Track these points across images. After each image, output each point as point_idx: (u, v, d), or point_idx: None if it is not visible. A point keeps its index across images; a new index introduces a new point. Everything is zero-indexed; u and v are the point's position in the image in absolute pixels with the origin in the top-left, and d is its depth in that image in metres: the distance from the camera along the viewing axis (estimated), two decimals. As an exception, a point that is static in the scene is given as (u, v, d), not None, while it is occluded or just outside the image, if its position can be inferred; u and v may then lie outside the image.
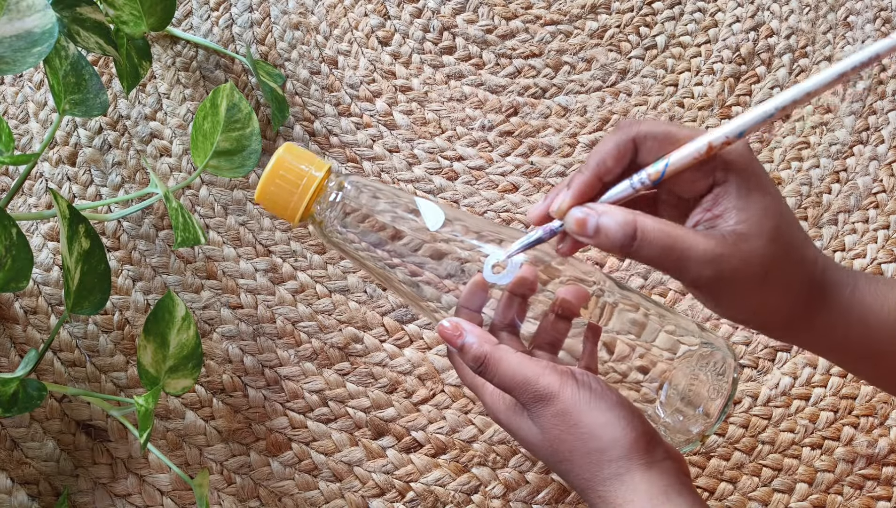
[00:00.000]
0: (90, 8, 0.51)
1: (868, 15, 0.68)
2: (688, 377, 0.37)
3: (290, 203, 0.37)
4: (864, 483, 0.52)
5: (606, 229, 0.32)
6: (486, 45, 0.66)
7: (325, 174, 0.37)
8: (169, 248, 0.57)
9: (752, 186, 0.32)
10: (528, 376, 0.35)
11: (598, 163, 0.33)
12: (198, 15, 0.65)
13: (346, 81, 0.64)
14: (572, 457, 0.34)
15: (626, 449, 0.33)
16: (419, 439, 0.53)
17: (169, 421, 0.52)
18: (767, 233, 0.32)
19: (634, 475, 0.33)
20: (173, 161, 0.60)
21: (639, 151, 0.33)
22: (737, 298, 0.33)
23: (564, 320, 0.38)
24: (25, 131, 0.61)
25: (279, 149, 0.37)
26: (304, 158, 0.38)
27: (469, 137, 0.62)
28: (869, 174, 0.62)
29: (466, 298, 0.38)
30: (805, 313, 0.33)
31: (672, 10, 0.68)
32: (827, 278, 0.34)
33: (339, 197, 0.38)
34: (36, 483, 0.50)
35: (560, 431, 0.34)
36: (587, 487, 0.34)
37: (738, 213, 0.32)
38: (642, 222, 0.31)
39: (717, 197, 0.32)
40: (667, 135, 0.33)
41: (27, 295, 0.55)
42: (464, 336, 0.36)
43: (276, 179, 0.37)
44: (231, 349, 0.54)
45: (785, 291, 0.33)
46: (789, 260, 0.32)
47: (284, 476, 0.51)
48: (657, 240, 0.31)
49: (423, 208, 0.38)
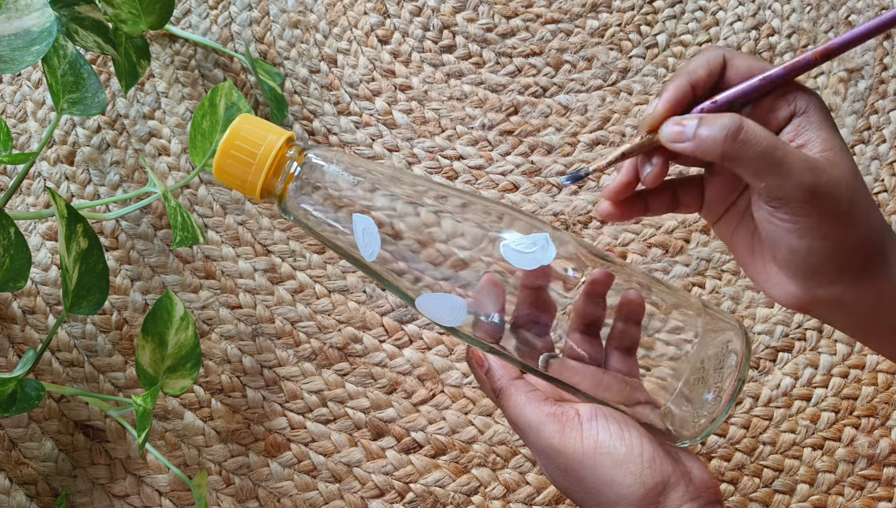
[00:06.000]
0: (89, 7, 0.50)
1: (869, 14, 0.68)
2: (694, 364, 0.35)
3: (247, 176, 0.34)
4: (865, 484, 0.52)
5: (709, 130, 0.31)
6: (487, 44, 0.66)
7: (283, 144, 0.34)
8: (167, 247, 0.57)
9: (831, 121, 0.32)
10: (530, 422, 0.34)
11: (689, 73, 0.33)
12: (196, 13, 0.65)
13: (345, 80, 0.64)
14: (584, 504, 0.34)
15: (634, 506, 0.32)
16: (419, 439, 0.52)
17: (167, 422, 0.52)
18: (850, 165, 0.31)
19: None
20: (172, 160, 0.60)
21: (727, 67, 0.33)
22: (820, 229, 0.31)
23: (596, 304, 0.36)
24: (24, 130, 0.60)
25: (235, 119, 0.34)
26: (262, 127, 0.34)
27: (469, 136, 0.62)
28: (870, 174, 0.62)
29: (481, 302, 0.34)
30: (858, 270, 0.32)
31: (673, 9, 0.68)
32: (886, 239, 0.33)
33: (299, 170, 0.34)
34: (34, 484, 0.50)
35: (567, 484, 0.34)
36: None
37: (824, 141, 0.31)
38: (747, 121, 0.31)
39: (800, 127, 0.32)
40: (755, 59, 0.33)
41: (25, 295, 0.55)
42: (486, 363, 0.36)
43: (231, 151, 0.34)
44: (230, 349, 0.54)
45: (864, 226, 0.32)
46: (866, 202, 0.32)
47: (283, 477, 0.51)
48: (761, 140, 0.30)
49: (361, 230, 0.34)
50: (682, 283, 0.57)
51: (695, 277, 0.58)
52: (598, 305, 0.35)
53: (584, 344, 0.35)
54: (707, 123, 0.31)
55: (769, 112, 0.32)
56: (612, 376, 0.35)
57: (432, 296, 0.34)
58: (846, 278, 0.33)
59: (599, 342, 0.35)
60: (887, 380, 0.55)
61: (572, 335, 0.35)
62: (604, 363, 0.36)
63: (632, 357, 0.35)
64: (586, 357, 0.35)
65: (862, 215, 0.32)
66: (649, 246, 0.59)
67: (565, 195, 0.60)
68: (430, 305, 0.34)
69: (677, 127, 0.32)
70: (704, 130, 0.31)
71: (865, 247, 0.32)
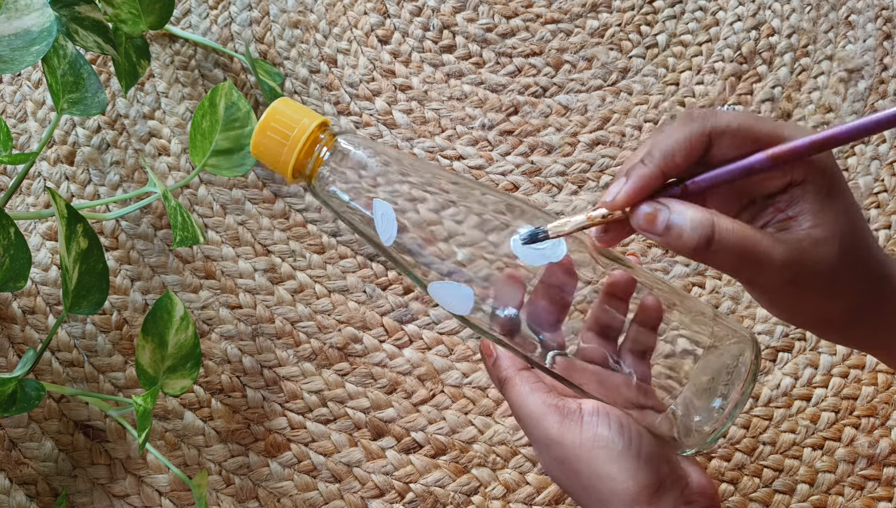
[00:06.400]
0: (89, 7, 0.50)
1: (870, 14, 0.68)
2: (703, 372, 0.35)
3: (280, 155, 0.36)
4: (865, 484, 0.52)
5: (680, 228, 0.29)
6: (487, 44, 0.66)
7: (316, 127, 0.36)
8: (167, 247, 0.57)
9: (830, 187, 0.30)
10: (531, 412, 0.34)
11: (664, 156, 0.30)
12: (196, 13, 0.65)
13: (345, 80, 0.64)
14: (579, 499, 0.34)
15: (626, 504, 0.32)
16: (419, 439, 0.52)
17: (167, 422, 0.52)
18: (840, 237, 0.30)
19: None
20: (172, 160, 0.60)
21: (712, 146, 0.30)
22: (803, 304, 0.31)
23: (617, 307, 0.35)
24: (24, 130, 0.60)
25: (274, 101, 0.36)
26: (298, 110, 0.36)
27: (469, 136, 0.62)
28: (870, 174, 0.62)
29: (492, 293, 0.35)
30: (866, 311, 0.32)
31: (673, 9, 0.68)
32: (889, 272, 0.32)
33: (328, 154, 0.36)
34: (34, 484, 0.50)
35: (562, 475, 0.34)
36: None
37: (814, 216, 0.30)
38: (720, 223, 0.29)
39: (793, 197, 0.30)
40: (746, 129, 0.30)
41: (25, 295, 0.55)
42: (494, 354, 0.37)
43: (267, 130, 0.35)
44: (230, 349, 0.54)
45: (850, 294, 0.31)
46: (858, 261, 0.31)
47: (283, 477, 0.51)
48: (735, 245, 0.29)
49: (380, 215, 0.35)
50: (682, 283, 0.57)
51: (695, 277, 0.58)
52: (617, 307, 0.35)
53: (596, 345, 0.35)
54: (677, 220, 0.29)
55: (766, 179, 0.31)
56: (620, 378, 0.35)
57: (443, 284, 0.35)
58: (856, 323, 0.32)
59: (612, 345, 0.35)
60: (887, 380, 0.55)
61: (585, 335, 0.35)
62: (616, 366, 0.35)
63: (645, 362, 0.35)
64: (597, 358, 0.35)
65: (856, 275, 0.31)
66: (649, 246, 0.59)
67: (565, 195, 0.60)
68: (441, 292, 0.35)
69: (648, 213, 0.30)
70: (675, 228, 0.29)
71: (864, 294, 0.32)
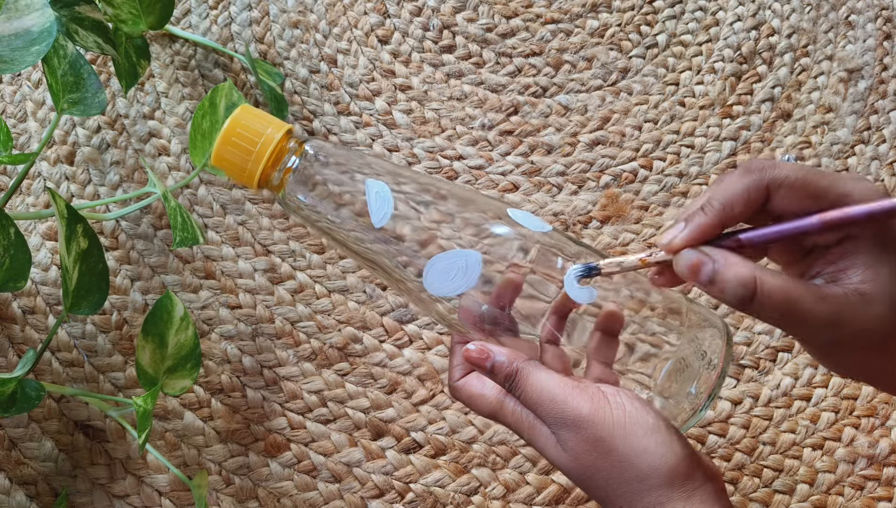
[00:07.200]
0: (89, 7, 0.50)
1: (870, 14, 0.68)
2: (677, 359, 0.35)
3: (246, 166, 0.34)
4: (865, 484, 0.52)
5: (724, 281, 0.29)
6: (487, 44, 0.66)
7: (283, 136, 0.35)
8: (167, 247, 0.57)
9: (886, 244, 0.30)
10: (555, 395, 0.33)
11: (724, 206, 0.30)
12: (196, 13, 0.65)
13: (345, 80, 0.64)
14: (608, 486, 0.32)
15: (665, 478, 0.31)
16: (419, 439, 0.52)
17: (167, 422, 0.52)
18: (893, 296, 0.29)
19: (676, 504, 0.31)
20: (172, 160, 0.60)
21: (771, 198, 0.30)
22: (853, 362, 0.31)
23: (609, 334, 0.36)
24: (24, 130, 0.60)
25: (236, 109, 0.35)
26: (262, 119, 0.35)
27: (469, 136, 0.62)
28: (871, 174, 0.62)
29: (497, 298, 0.35)
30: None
31: (673, 9, 0.68)
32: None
33: (297, 163, 0.35)
34: (34, 484, 0.50)
35: (594, 458, 0.32)
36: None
37: (866, 271, 0.29)
38: (762, 279, 0.29)
39: (846, 250, 0.30)
40: (804, 183, 0.30)
41: (25, 295, 0.55)
42: (492, 358, 0.35)
43: (231, 140, 0.34)
44: (230, 349, 0.54)
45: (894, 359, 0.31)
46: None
47: (283, 477, 0.51)
48: (777, 302, 0.29)
49: (374, 193, 0.35)
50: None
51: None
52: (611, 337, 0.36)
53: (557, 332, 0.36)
54: (723, 273, 0.30)
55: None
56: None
57: (447, 254, 0.35)
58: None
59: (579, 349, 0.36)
60: (887, 380, 0.55)
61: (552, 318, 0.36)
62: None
63: (609, 368, 0.36)
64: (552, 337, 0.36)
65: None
66: (649, 246, 0.59)
67: (565, 195, 0.60)
68: (441, 267, 0.35)
69: (693, 262, 0.30)
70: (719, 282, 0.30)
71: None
